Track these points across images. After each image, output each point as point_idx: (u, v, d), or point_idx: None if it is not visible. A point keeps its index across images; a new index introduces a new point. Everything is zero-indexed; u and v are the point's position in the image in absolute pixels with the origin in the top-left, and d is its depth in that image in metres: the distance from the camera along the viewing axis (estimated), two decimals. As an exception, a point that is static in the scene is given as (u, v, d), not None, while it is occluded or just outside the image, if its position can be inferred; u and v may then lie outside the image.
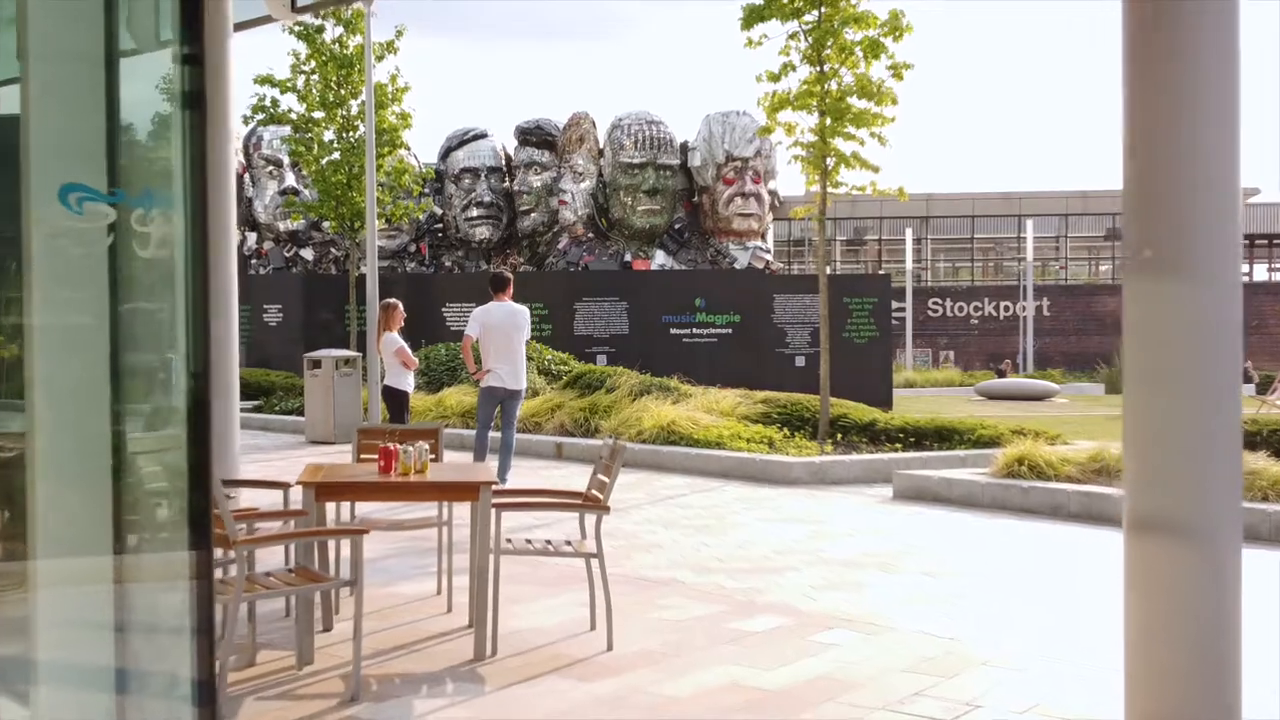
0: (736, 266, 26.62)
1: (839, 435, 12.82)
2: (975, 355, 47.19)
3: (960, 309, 48.68)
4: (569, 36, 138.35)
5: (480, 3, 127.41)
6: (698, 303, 23.50)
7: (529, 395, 15.39)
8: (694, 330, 23.58)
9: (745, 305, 23.74)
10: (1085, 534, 8.74)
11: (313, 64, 17.91)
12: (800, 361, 24.01)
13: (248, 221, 27.56)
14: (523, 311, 10.54)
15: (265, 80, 18.44)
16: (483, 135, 28.23)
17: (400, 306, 11.41)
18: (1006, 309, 48.29)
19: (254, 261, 27.93)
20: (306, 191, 23.14)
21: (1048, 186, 66.27)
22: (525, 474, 11.84)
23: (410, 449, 5.32)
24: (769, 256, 27.60)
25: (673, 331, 23.46)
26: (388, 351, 11.20)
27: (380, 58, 18.18)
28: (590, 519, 5.54)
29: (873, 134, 13.01)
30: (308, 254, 27.39)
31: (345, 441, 15.20)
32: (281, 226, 26.61)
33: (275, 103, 18.96)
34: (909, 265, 43.59)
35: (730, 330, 23.76)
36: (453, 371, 17.47)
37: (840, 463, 11.60)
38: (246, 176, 27.80)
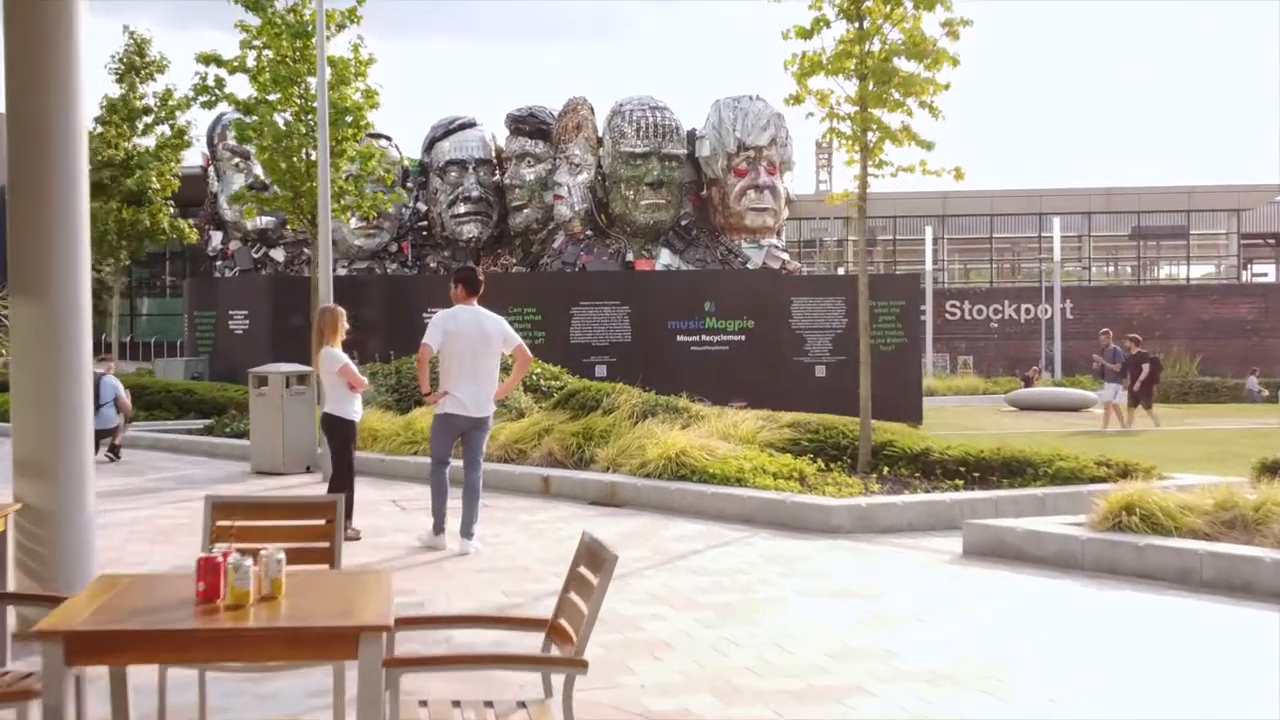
0: (749, 266, 24.48)
1: (884, 468, 10.64)
2: (995, 360, 45.26)
3: (979, 311, 47.04)
4: (568, 38, 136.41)
5: (478, 3, 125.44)
6: (707, 307, 21.45)
7: (513, 417, 13.23)
8: (703, 337, 21.49)
9: (760, 309, 21.65)
10: (1236, 615, 6.57)
11: (264, 38, 15.64)
12: (821, 371, 21.91)
13: (213, 219, 25.38)
14: (495, 321, 8.45)
15: (210, 59, 16.17)
16: (471, 124, 26.02)
17: (342, 314, 9.24)
18: (1027, 311, 46.92)
19: (219, 263, 25.73)
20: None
21: (1069, 183, 64.28)
22: (502, 518, 9.66)
23: (247, 564, 3.13)
24: (785, 255, 25.41)
25: (680, 339, 21.37)
26: (329, 370, 9.05)
27: (340, 26, 15.96)
28: (558, 676, 3.35)
29: (923, 103, 10.86)
30: (278, 254, 25.20)
31: (298, 472, 13.07)
32: (249, 225, 24.40)
33: (221, 83, 16.73)
34: (928, 266, 41.56)
35: (743, 337, 21.65)
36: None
37: (891, 505, 9.43)
38: (211, 170, 25.62)
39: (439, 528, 8.52)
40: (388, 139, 25.33)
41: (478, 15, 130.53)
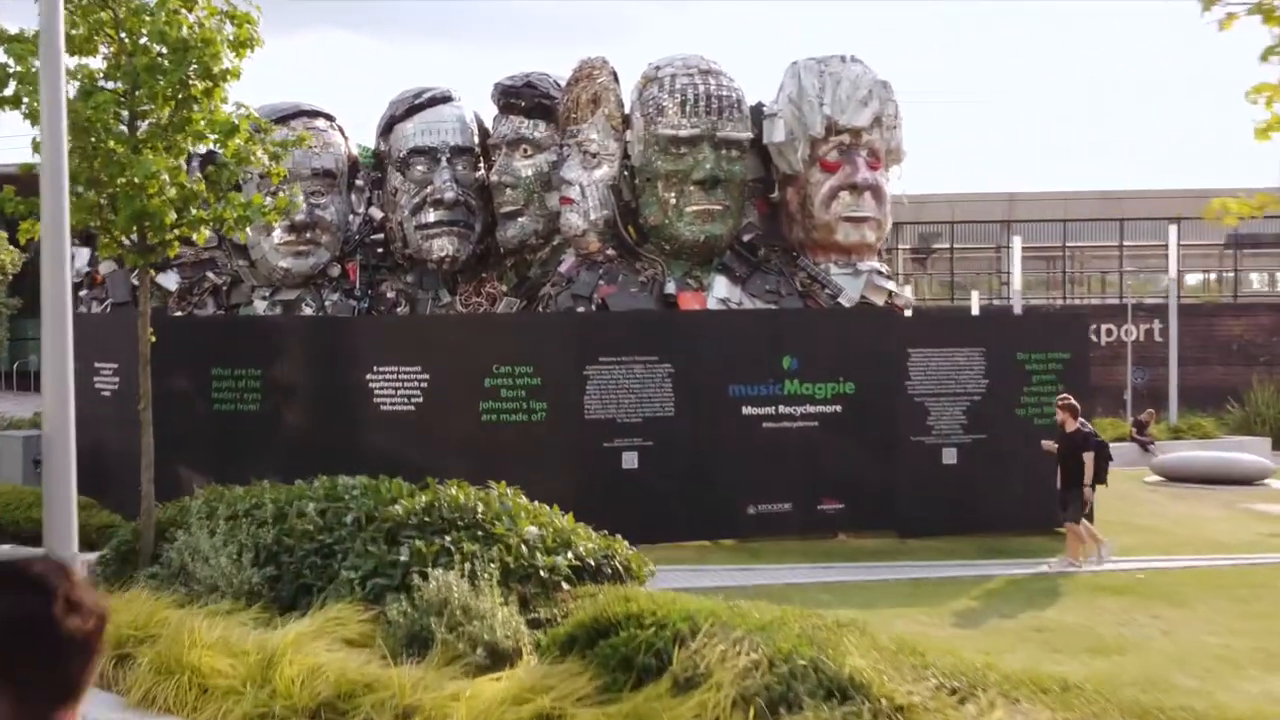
0: (843, 302, 17.81)
1: None
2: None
3: (1053, 333, 41.35)
4: (569, 42, 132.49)
5: (482, 5, 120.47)
6: (786, 363, 15.12)
7: (481, 661, 6.43)
8: (780, 409, 15.08)
9: (863, 366, 15.17)
10: None
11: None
12: (950, 456, 15.35)
13: (81, 234, 18.89)
14: None
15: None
16: (445, 98, 19.63)
17: None
18: (1109, 333, 41.78)
19: (85, 293, 19.17)
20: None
21: (1152, 184, 59.51)
22: None
23: None
24: (891, 285, 18.73)
25: (746, 411, 14.95)
26: None
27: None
28: None
29: None
30: (169, 280, 18.60)
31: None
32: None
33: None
34: (1016, 283, 35.55)
35: (839, 408, 15.13)
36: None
37: None
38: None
39: None
40: (329, 118, 18.98)
41: (470, 19, 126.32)
